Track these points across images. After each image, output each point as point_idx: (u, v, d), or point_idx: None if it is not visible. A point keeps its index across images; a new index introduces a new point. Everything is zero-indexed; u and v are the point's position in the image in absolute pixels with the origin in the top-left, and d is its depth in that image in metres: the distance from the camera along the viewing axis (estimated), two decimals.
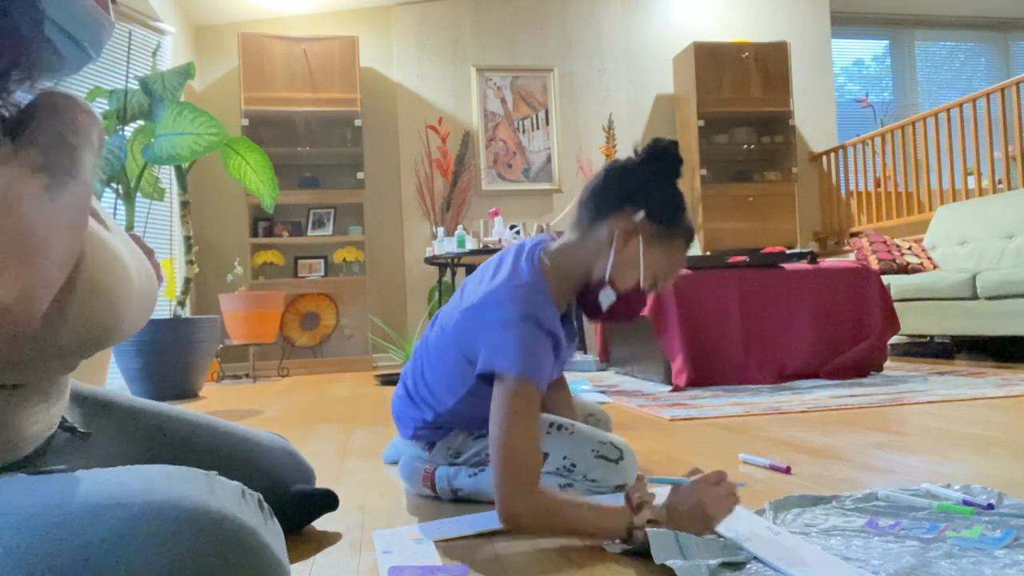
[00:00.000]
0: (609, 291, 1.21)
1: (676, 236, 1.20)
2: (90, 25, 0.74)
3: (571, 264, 1.22)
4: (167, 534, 0.61)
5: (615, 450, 1.29)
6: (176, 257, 4.61)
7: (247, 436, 1.13)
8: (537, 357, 1.10)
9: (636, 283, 1.19)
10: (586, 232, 1.21)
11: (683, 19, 6.01)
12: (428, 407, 1.33)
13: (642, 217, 1.17)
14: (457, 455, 1.36)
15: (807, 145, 6.15)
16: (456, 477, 1.34)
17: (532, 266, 1.19)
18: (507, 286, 1.15)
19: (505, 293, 1.14)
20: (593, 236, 1.20)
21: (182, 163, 3.42)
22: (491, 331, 1.13)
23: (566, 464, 1.27)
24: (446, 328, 1.26)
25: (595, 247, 1.20)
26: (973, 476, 1.37)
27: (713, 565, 0.90)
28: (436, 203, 5.55)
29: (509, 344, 1.09)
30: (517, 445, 1.04)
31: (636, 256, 1.18)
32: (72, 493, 0.63)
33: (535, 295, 1.14)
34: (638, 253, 1.18)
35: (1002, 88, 4.52)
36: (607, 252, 1.18)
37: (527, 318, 1.11)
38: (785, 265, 3.29)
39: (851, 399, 2.48)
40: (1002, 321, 3.48)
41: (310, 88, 5.14)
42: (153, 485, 0.65)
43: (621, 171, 1.20)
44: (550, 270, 1.20)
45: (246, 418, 2.71)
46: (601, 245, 1.19)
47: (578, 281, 1.23)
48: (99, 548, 0.59)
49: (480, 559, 1.01)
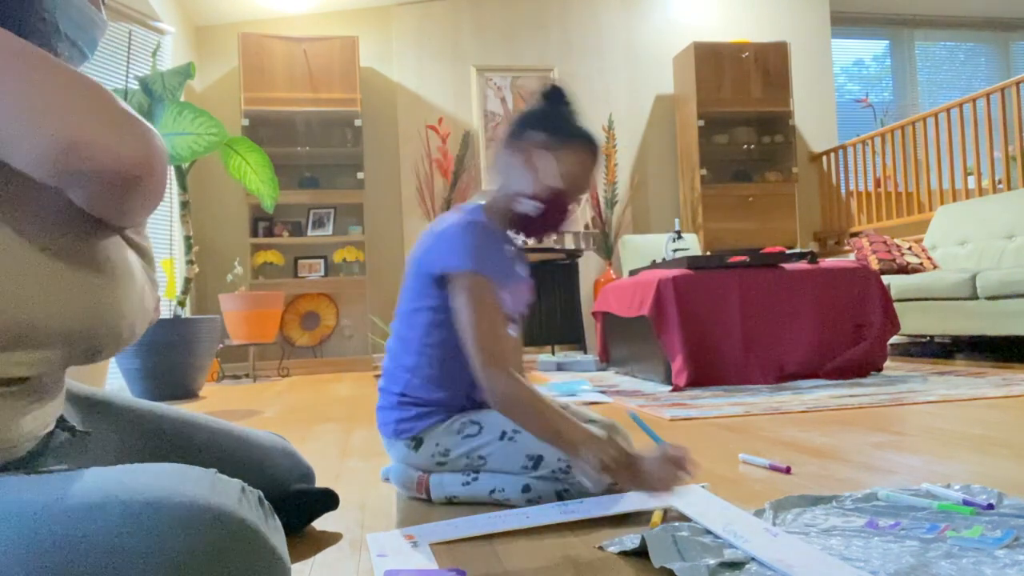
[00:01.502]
0: (532, 203, 1.31)
1: (574, 139, 1.30)
2: (86, 25, 0.74)
3: (501, 199, 1.35)
4: (167, 531, 0.61)
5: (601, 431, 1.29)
6: (176, 257, 4.61)
7: (246, 436, 1.13)
8: (488, 251, 1.24)
9: (551, 189, 1.29)
10: (500, 173, 1.36)
11: (683, 19, 6.01)
12: (396, 380, 1.35)
13: (529, 134, 1.30)
14: (446, 453, 1.31)
15: (807, 145, 6.15)
16: (450, 485, 1.32)
17: (472, 207, 1.34)
18: (454, 219, 1.29)
19: (454, 226, 1.27)
20: (508, 170, 1.34)
21: (182, 163, 3.42)
22: (444, 246, 1.26)
23: (562, 466, 1.26)
24: (408, 280, 1.35)
25: (513, 176, 1.33)
26: (973, 476, 1.37)
27: (712, 565, 0.90)
28: (436, 203, 5.55)
29: (455, 244, 1.23)
30: (483, 334, 1.17)
31: (544, 164, 1.30)
32: (72, 491, 0.64)
33: (480, 220, 1.28)
34: (545, 161, 1.30)
35: (1002, 88, 4.52)
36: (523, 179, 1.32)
37: (472, 224, 1.26)
38: (785, 265, 3.29)
39: (851, 399, 2.48)
40: (1002, 321, 3.48)
41: (310, 88, 5.14)
42: (153, 482, 0.65)
43: (519, 115, 1.36)
44: (488, 208, 1.35)
45: (246, 418, 2.71)
46: (517, 170, 1.32)
47: (511, 210, 1.35)
48: (100, 545, 0.60)
49: (477, 562, 1.01)
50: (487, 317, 1.18)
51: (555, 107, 1.34)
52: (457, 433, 1.31)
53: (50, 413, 0.79)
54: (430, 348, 1.32)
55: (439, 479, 1.33)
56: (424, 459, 1.33)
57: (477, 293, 1.20)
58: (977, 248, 4.30)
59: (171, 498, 0.63)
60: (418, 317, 1.33)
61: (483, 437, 1.29)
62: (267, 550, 0.66)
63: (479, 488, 1.30)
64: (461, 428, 1.31)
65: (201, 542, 0.61)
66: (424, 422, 1.33)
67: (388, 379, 1.38)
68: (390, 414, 1.36)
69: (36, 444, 0.78)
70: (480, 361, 1.16)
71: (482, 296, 1.20)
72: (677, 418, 2.25)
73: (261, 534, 0.66)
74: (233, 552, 0.63)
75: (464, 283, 1.21)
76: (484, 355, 1.16)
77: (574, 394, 2.89)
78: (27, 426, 0.75)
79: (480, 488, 1.29)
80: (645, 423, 1.15)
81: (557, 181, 1.31)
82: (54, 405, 0.80)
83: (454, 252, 1.23)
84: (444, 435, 1.31)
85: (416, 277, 1.33)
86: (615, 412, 2.46)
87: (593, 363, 4.16)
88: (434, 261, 1.27)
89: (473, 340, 1.17)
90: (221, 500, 0.65)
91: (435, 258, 1.27)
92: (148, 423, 1.02)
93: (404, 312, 1.36)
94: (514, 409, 1.14)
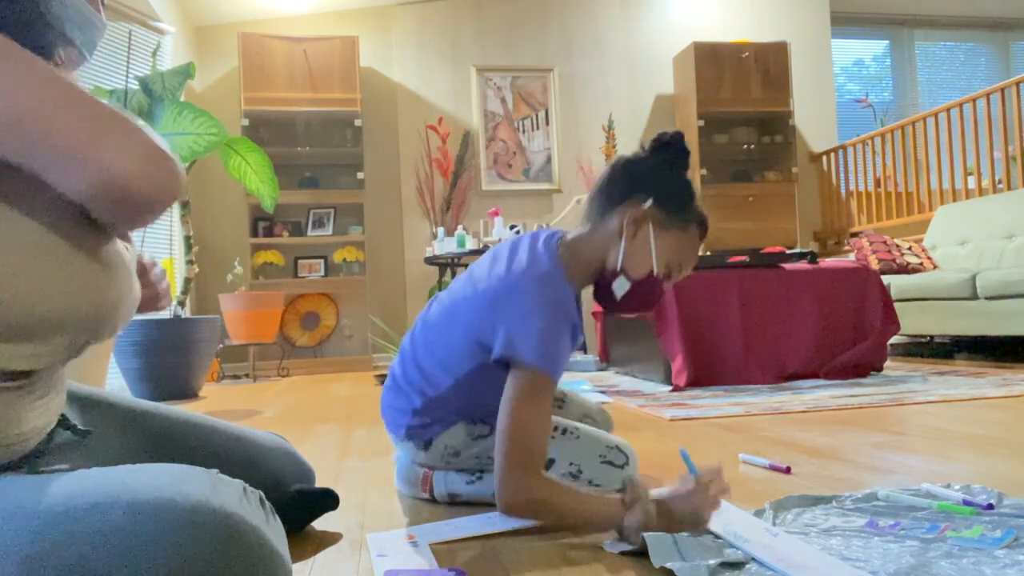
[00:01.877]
0: (623, 280, 1.21)
1: (687, 223, 1.20)
2: (85, 28, 0.75)
3: (586, 254, 1.22)
4: (170, 530, 0.61)
5: (621, 455, 1.29)
6: (176, 257, 4.61)
7: (247, 436, 1.13)
8: (557, 349, 1.10)
9: (649, 271, 1.20)
10: (597, 223, 1.22)
11: (683, 19, 6.01)
12: (417, 392, 1.28)
13: (651, 204, 1.18)
14: (456, 454, 1.31)
15: (807, 145, 6.15)
16: (455, 483, 1.32)
17: (551, 254, 1.18)
18: (530, 274, 1.14)
19: (529, 281, 1.13)
20: (604, 226, 1.21)
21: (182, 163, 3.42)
22: (513, 318, 1.11)
23: (572, 470, 1.26)
24: (454, 309, 1.23)
25: (607, 237, 1.20)
26: (973, 476, 1.37)
27: (712, 565, 0.90)
28: (436, 203, 5.55)
29: (531, 333, 1.09)
30: (525, 431, 1.05)
31: (647, 243, 1.19)
32: (74, 491, 0.64)
33: (558, 284, 1.14)
34: (649, 240, 1.18)
35: (1002, 88, 4.52)
36: (618, 241, 1.19)
37: (551, 308, 1.11)
38: (785, 265, 3.29)
39: (851, 399, 2.48)
40: (1002, 321, 3.48)
41: (310, 88, 5.14)
42: (156, 482, 0.65)
43: (628, 163, 1.22)
44: (567, 259, 1.20)
45: (246, 418, 2.71)
46: (612, 235, 1.20)
47: (593, 271, 1.23)
48: (102, 545, 0.60)
49: (477, 562, 1.01)
50: (533, 419, 1.06)
51: (673, 170, 1.21)
52: (467, 434, 1.30)
53: (54, 409, 0.80)
54: (466, 381, 1.24)
55: (443, 476, 1.33)
56: (433, 458, 1.33)
57: (533, 392, 1.08)
58: (977, 248, 4.30)
59: (174, 499, 0.63)
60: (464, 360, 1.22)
61: (493, 439, 1.27)
62: (268, 550, 0.67)
63: (483, 487, 1.29)
64: (471, 430, 1.30)
65: (203, 542, 0.62)
66: (436, 429, 1.30)
67: (407, 390, 1.30)
68: (402, 418, 1.32)
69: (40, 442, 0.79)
70: (508, 458, 1.03)
71: (541, 399, 1.08)
72: (677, 418, 2.24)
73: (263, 534, 0.67)
74: (235, 552, 0.63)
75: (525, 376, 1.08)
76: (524, 459, 1.03)
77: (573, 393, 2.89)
78: (34, 420, 0.75)
79: (484, 487, 1.29)
80: (691, 459, 1.09)
81: (661, 266, 1.20)
82: (58, 401, 0.81)
83: (524, 339, 1.09)
84: (454, 436, 1.30)
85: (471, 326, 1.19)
86: (616, 411, 2.46)
87: (593, 363, 4.16)
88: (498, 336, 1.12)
89: (508, 433, 1.05)
90: (223, 501, 0.66)
91: (501, 333, 1.12)
92: (148, 423, 1.02)
93: (447, 343, 1.24)
94: (547, 513, 1.04)
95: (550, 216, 5.65)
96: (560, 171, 5.74)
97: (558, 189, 5.72)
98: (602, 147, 5.74)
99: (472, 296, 1.20)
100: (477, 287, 1.20)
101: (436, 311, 1.29)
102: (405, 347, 1.34)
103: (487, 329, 1.16)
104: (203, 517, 0.63)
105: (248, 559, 0.64)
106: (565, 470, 1.27)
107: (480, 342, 1.18)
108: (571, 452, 1.27)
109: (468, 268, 1.32)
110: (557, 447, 1.27)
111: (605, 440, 1.30)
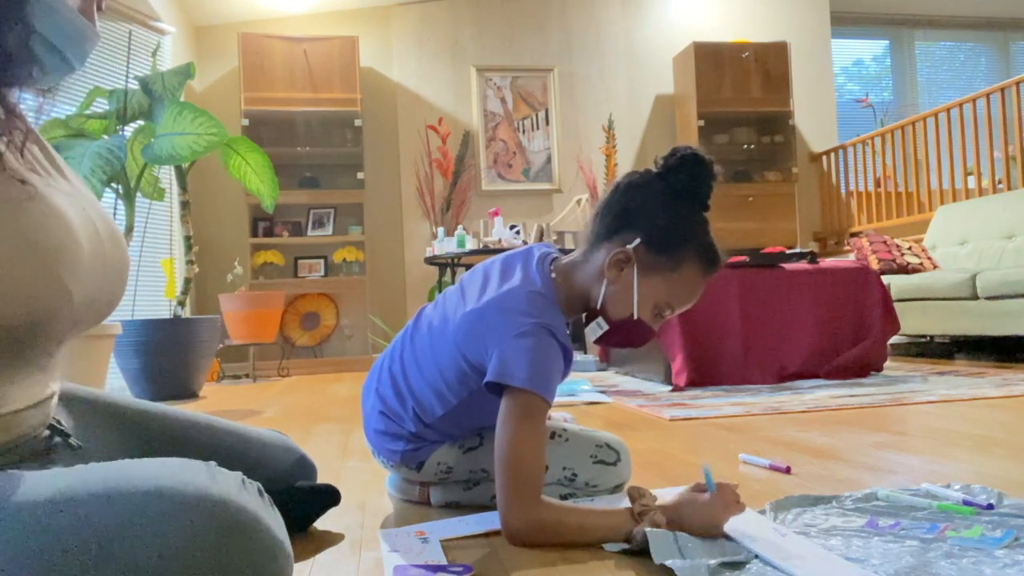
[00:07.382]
0: (601, 321, 1.16)
1: (680, 261, 1.12)
2: (75, 37, 0.73)
3: (576, 284, 1.17)
4: (171, 517, 0.62)
5: (612, 452, 1.28)
6: (176, 257, 4.61)
7: (247, 433, 1.13)
8: (549, 370, 1.07)
9: (630, 315, 1.13)
10: (588, 254, 1.17)
11: (683, 19, 6.01)
12: (411, 419, 1.23)
13: (638, 244, 1.11)
14: (449, 470, 1.27)
15: (807, 145, 6.15)
16: (451, 492, 1.30)
17: (544, 276, 1.15)
18: (521, 293, 1.11)
19: (520, 301, 1.10)
20: (594, 260, 1.15)
21: (182, 163, 3.42)
22: (504, 340, 1.08)
23: (567, 474, 1.25)
24: (445, 333, 1.19)
25: (593, 272, 1.15)
26: (973, 476, 1.37)
27: (713, 565, 0.90)
28: (436, 203, 5.55)
29: (522, 355, 1.05)
30: (523, 458, 1.02)
31: (630, 287, 1.12)
32: (76, 483, 0.65)
33: (549, 305, 1.11)
34: (632, 284, 1.12)
35: (1002, 88, 4.53)
36: (600, 281, 1.14)
37: (542, 329, 1.07)
38: (785, 265, 3.29)
39: (851, 399, 2.48)
40: (1002, 321, 3.48)
41: (310, 88, 5.14)
42: (155, 472, 0.67)
43: (627, 188, 1.15)
44: (559, 284, 1.16)
45: (246, 418, 2.71)
46: (598, 272, 1.14)
47: (582, 303, 1.18)
48: (104, 534, 0.61)
49: (483, 558, 1.01)
50: (529, 443, 1.03)
51: (677, 199, 1.12)
52: (459, 449, 1.27)
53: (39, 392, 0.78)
54: (459, 407, 1.20)
55: (439, 489, 1.31)
56: (426, 476, 1.30)
57: (527, 415, 1.04)
58: (977, 248, 4.30)
59: (174, 487, 0.65)
60: (457, 386, 1.18)
61: (485, 450, 1.25)
62: (268, 536, 0.68)
63: (481, 493, 1.29)
64: (463, 443, 1.27)
65: (204, 528, 0.63)
66: (428, 450, 1.27)
67: (401, 416, 1.25)
68: (395, 444, 1.26)
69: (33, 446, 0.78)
70: (507, 486, 1.01)
71: (535, 422, 1.04)
72: (677, 418, 2.24)
73: (262, 520, 0.68)
74: (235, 538, 0.65)
75: (518, 399, 1.05)
76: (524, 489, 1.01)
77: (574, 394, 2.89)
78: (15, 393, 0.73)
79: (482, 493, 1.28)
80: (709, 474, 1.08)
81: (644, 309, 1.13)
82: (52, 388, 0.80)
83: (515, 362, 1.05)
84: (446, 453, 1.27)
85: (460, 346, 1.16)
86: (616, 411, 2.46)
87: (593, 363, 4.16)
88: (490, 358, 1.09)
89: (505, 459, 1.02)
90: (222, 489, 0.67)
91: (492, 355, 1.08)
92: (148, 423, 1.02)
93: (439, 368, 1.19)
94: (556, 537, 1.02)
95: (550, 216, 5.65)
96: (560, 171, 5.74)
97: (558, 189, 5.72)
98: (602, 147, 5.74)
99: (464, 319, 1.15)
100: (468, 308, 1.16)
101: (426, 334, 1.24)
102: (395, 371, 1.27)
103: (476, 349, 1.13)
104: (203, 504, 0.64)
105: (248, 546, 0.65)
106: (560, 475, 1.25)
107: (470, 362, 1.15)
108: (563, 456, 1.25)
109: (460, 283, 1.27)
110: (548, 452, 1.24)
111: (594, 439, 1.28)
